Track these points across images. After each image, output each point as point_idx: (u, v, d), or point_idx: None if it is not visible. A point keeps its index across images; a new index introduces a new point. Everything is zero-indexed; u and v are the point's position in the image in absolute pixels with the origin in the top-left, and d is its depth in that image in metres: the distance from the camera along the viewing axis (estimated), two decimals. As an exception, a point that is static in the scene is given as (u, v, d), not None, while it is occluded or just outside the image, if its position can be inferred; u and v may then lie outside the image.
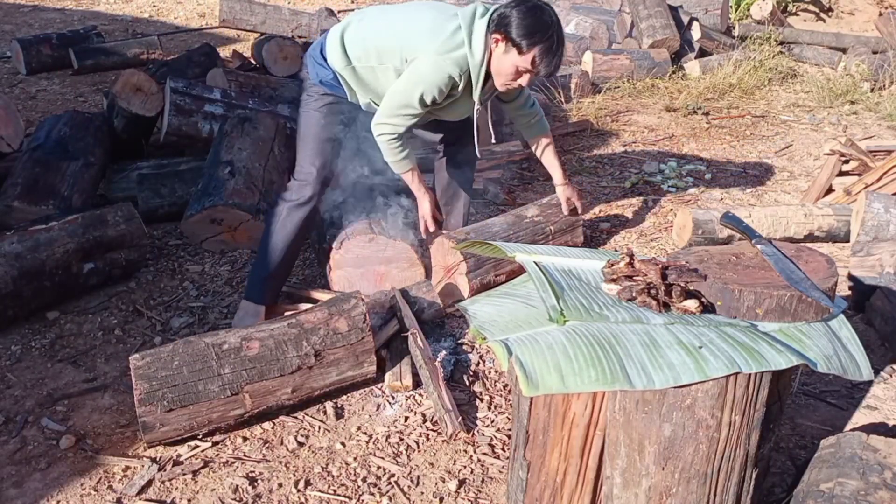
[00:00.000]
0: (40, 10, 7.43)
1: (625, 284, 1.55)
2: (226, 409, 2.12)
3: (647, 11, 6.07)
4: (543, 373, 1.36)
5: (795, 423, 2.24)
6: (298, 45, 5.27)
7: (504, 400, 2.34)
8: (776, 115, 5.27)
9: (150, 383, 2.03)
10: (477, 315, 1.60)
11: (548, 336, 1.44)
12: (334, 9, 6.91)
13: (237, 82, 4.40)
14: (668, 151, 4.53)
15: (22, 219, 2.98)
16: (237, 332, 2.20)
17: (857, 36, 6.87)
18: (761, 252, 1.64)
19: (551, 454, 1.61)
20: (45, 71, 5.55)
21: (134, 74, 3.87)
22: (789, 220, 3.26)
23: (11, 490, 1.98)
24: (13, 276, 2.56)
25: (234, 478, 2.02)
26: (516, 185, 3.96)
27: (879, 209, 2.95)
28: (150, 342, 2.60)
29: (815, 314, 1.48)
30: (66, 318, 2.72)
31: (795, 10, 8.22)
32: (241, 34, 6.63)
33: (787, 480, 1.99)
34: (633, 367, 1.36)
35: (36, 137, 3.51)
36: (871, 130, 4.93)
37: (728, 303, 1.49)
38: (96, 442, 2.15)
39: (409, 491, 2.00)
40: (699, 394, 1.37)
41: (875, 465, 1.54)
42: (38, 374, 2.43)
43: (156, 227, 3.35)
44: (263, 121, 3.62)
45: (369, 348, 2.28)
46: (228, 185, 3.14)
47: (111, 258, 2.86)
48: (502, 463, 2.08)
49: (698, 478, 1.44)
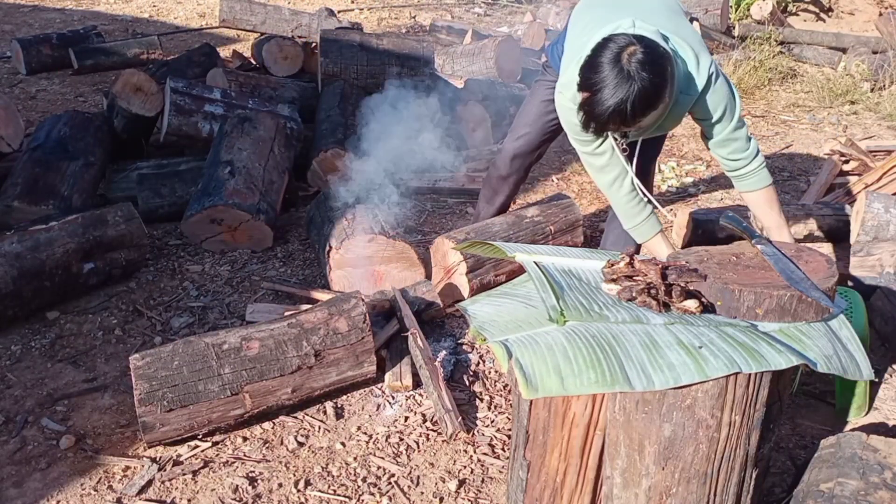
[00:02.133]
0: (40, 10, 7.43)
1: (625, 284, 1.55)
2: (226, 409, 2.12)
3: (647, 11, 6.07)
4: (543, 375, 1.35)
5: (795, 423, 2.24)
6: (298, 45, 5.27)
7: (504, 400, 2.34)
8: (776, 115, 5.27)
9: (150, 383, 2.03)
10: (477, 315, 1.60)
11: (547, 337, 1.44)
12: (334, 9, 6.91)
13: (237, 82, 4.40)
14: (668, 151, 4.53)
15: (22, 219, 2.97)
16: (237, 331, 2.20)
17: (857, 36, 6.86)
18: (761, 252, 1.64)
19: (551, 454, 1.61)
20: (45, 71, 5.55)
21: (134, 74, 3.87)
22: (789, 220, 3.26)
23: (11, 490, 1.98)
24: (13, 276, 2.56)
25: (234, 478, 2.02)
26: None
27: (879, 209, 2.95)
28: (150, 342, 2.60)
29: (815, 314, 1.48)
30: (66, 318, 2.72)
31: (795, 10, 8.21)
32: (241, 34, 6.63)
33: (787, 480, 1.99)
34: (632, 368, 1.36)
35: (36, 137, 3.51)
36: (871, 130, 4.93)
37: (728, 303, 1.49)
38: (96, 442, 2.15)
39: (409, 491, 2.00)
40: (699, 394, 1.37)
41: (875, 465, 1.54)
42: (38, 374, 2.43)
43: (156, 227, 3.35)
44: (263, 121, 3.62)
45: (369, 348, 2.28)
46: (228, 185, 3.14)
47: (111, 258, 2.86)
48: (502, 463, 2.08)
49: (698, 478, 1.44)
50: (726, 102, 2.13)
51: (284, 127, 3.74)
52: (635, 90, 1.87)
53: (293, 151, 3.73)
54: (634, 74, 1.86)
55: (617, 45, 1.90)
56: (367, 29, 6.27)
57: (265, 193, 3.23)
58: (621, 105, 1.88)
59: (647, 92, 1.88)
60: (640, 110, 1.92)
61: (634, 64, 1.86)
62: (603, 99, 1.90)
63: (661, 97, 1.94)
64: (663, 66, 1.92)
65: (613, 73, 1.87)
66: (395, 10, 7.78)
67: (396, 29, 7.10)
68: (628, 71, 1.86)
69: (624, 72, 1.86)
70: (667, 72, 1.93)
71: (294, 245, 3.27)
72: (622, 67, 1.87)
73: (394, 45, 4.62)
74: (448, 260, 2.80)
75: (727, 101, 2.13)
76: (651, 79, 1.87)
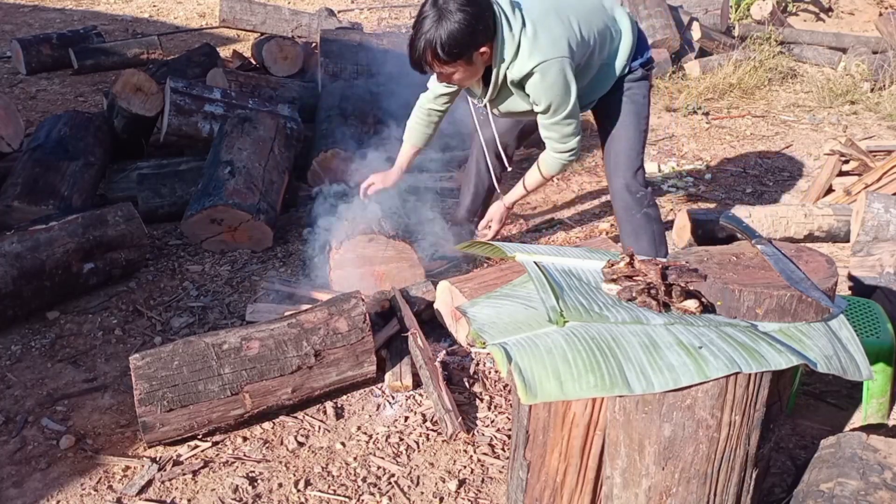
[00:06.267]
0: (40, 10, 7.43)
1: (625, 284, 1.54)
2: (226, 409, 2.12)
3: (647, 11, 6.07)
4: (542, 380, 1.35)
5: (795, 423, 2.24)
6: (298, 45, 5.27)
7: (504, 400, 2.34)
8: (776, 115, 5.27)
9: (150, 383, 2.03)
10: (477, 317, 1.60)
11: (547, 339, 1.44)
12: (334, 9, 6.91)
13: (237, 82, 4.40)
14: (668, 151, 4.53)
15: (22, 219, 2.98)
16: (237, 331, 2.20)
17: (857, 36, 6.86)
18: (761, 252, 1.64)
19: (551, 454, 1.61)
20: (45, 71, 5.55)
21: (134, 74, 3.87)
22: (789, 220, 3.26)
23: (11, 490, 1.98)
24: (13, 276, 2.56)
25: (234, 478, 2.02)
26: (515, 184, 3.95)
27: (879, 209, 2.95)
28: (150, 342, 2.60)
29: (815, 314, 1.48)
30: (66, 318, 2.72)
31: (795, 10, 8.22)
32: (241, 34, 6.63)
33: (787, 480, 1.99)
34: (632, 370, 1.36)
35: (36, 137, 3.51)
36: (871, 130, 4.93)
37: (728, 303, 1.49)
38: (96, 442, 2.15)
39: (409, 491, 2.00)
40: (699, 394, 1.37)
41: (875, 465, 1.54)
42: (38, 374, 2.43)
43: (156, 227, 3.35)
44: (263, 121, 3.62)
45: (369, 348, 2.28)
46: (228, 185, 3.14)
47: (111, 258, 2.86)
48: (502, 463, 2.08)
49: (698, 478, 1.44)
50: (551, 100, 2.36)
51: (284, 127, 3.74)
52: (446, 28, 2.13)
53: (293, 151, 3.73)
54: (449, 14, 2.13)
55: None
56: (367, 29, 6.27)
57: (265, 193, 3.23)
58: (433, 39, 2.14)
59: (457, 31, 2.13)
60: (451, 46, 2.15)
61: (451, 3, 2.13)
62: (419, 33, 2.17)
63: (473, 41, 2.18)
64: (480, 10, 2.16)
65: (433, 12, 2.15)
66: (395, 10, 7.78)
67: (396, 29, 7.09)
68: (444, 9, 2.13)
69: (440, 9, 2.14)
70: (483, 16, 2.17)
71: (294, 245, 3.27)
72: (439, 5, 2.14)
73: (394, 45, 4.62)
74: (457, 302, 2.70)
75: (553, 100, 2.36)
76: (464, 18, 2.12)
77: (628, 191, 2.66)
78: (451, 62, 2.23)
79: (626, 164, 2.66)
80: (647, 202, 2.69)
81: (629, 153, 2.66)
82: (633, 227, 2.69)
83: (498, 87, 2.41)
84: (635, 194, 2.67)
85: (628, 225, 2.71)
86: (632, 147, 2.66)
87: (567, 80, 2.35)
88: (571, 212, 3.72)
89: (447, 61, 2.22)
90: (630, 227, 2.70)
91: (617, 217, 2.77)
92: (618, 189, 2.69)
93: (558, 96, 2.36)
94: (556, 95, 2.35)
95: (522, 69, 2.31)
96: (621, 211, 2.71)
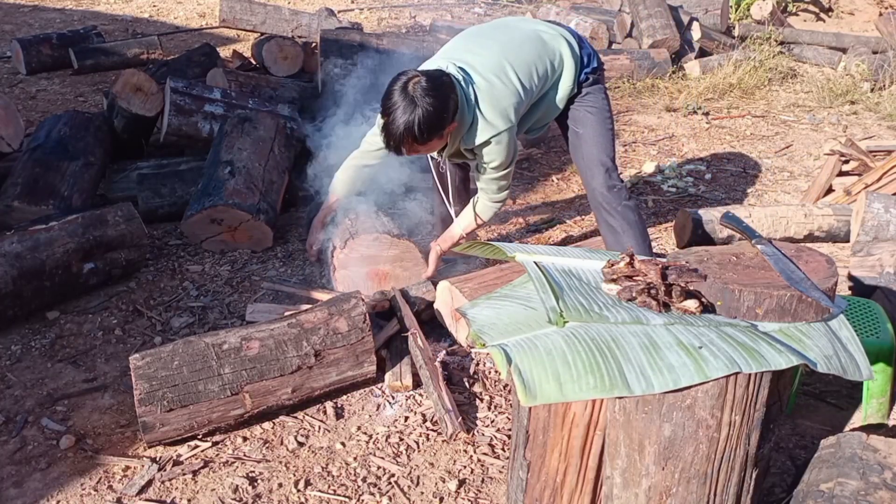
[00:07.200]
0: (40, 10, 7.43)
1: (625, 284, 1.54)
2: (226, 409, 2.12)
3: (647, 11, 6.08)
4: (542, 381, 1.35)
5: (795, 423, 2.24)
6: (298, 45, 5.27)
7: (504, 400, 2.34)
8: (776, 115, 5.27)
9: (150, 383, 2.03)
10: (476, 319, 1.60)
11: (547, 340, 1.43)
12: (334, 9, 6.91)
13: (237, 82, 4.40)
14: (668, 151, 4.53)
15: (22, 219, 2.97)
16: (237, 331, 2.20)
17: (857, 36, 6.87)
18: (761, 252, 1.64)
19: (551, 454, 1.61)
20: (45, 71, 5.55)
21: (134, 74, 3.86)
22: (789, 220, 3.26)
23: (11, 490, 1.98)
24: (13, 276, 2.56)
25: (234, 478, 2.02)
26: (516, 185, 3.96)
27: (879, 209, 2.95)
28: (150, 342, 2.60)
29: (815, 314, 1.48)
30: (66, 318, 2.72)
31: (795, 10, 8.22)
32: (241, 34, 6.63)
33: (787, 480, 1.99)
34: (632, 371, 1.36)
35: (36, 137, 3.50)
36: (871, 130, 4.93)
37: (728, 303, 1.49)
38: (96, 442, 2.15)
39: (409, 491, 2.00)
40: (699, 394, 1.37)
41: (875, 465, 1.54)
42: (38, 374, 2.43)
43: (156, 227, 3.35)
44: (263, 121, 3.62)
45: (369, 348, 2.28)
46: (228, 185, 3.14)
47: (111, 258, 2.86)
48: (502, 463, 2.08)
49: (698, 478, 1.44)
50: (501, 161, 2.54)
51: (284, 127, 3.74)
52: (418, 113, 2.27)
53: (293, 151, 3.73)
54: (419, 100, 2.26)
55: (406, 76, 2.31)
56: (367, 29, 6.27)
57: (265, 193, 3.23)
58: (410, 125, 2.28)
59: (430, 115, 2.28)
60: (427, 130, 2.30)
61: (419, 91, 2.27)
62: (395, 121, 2.30)
63: (444, 121, 2.34)
64: (445, 94, 2.32)
65: (403, 101, 2.28)
66: (395, 10, 7.78)
67: (396, 29, 7.10)
68: (414, 97, 2.27)
69: (410, 97, 2.27)
70: (449, 98, 2.33)
71: (294, 245, 3.27)
72: (408, 94, 2.27)
73: (394, 45, 4.61)
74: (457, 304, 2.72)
75: (503, 161, 2.55)
76: (433, 103, 2.27)
77: (605, 186, 2.73)
78: (427, 142, 2.38)
79: (598, 163, 2.74)
80: (625, 196, 2.76)
81: (599, 155, 2.74)
82: (616, 223, 2.74)
83: (453, 150, 2.60)
84: (612, 189, 2.73)
85: (611, 221, 2.76)
86: (601, 148, 2.74)
87: (514, 143, 2.57)
88: (571, 212, 3.72)
89: (424, 142, 2.37)
90: (614, 223, 2.75)
91: (597, 216, 2.82)
92: (595, 188, 2.75)
93: (507, 158, 2.56)
94: (506, 158, 2.56)
95: (479, 140, 2.48)
96: (600, 208, 2.76)
